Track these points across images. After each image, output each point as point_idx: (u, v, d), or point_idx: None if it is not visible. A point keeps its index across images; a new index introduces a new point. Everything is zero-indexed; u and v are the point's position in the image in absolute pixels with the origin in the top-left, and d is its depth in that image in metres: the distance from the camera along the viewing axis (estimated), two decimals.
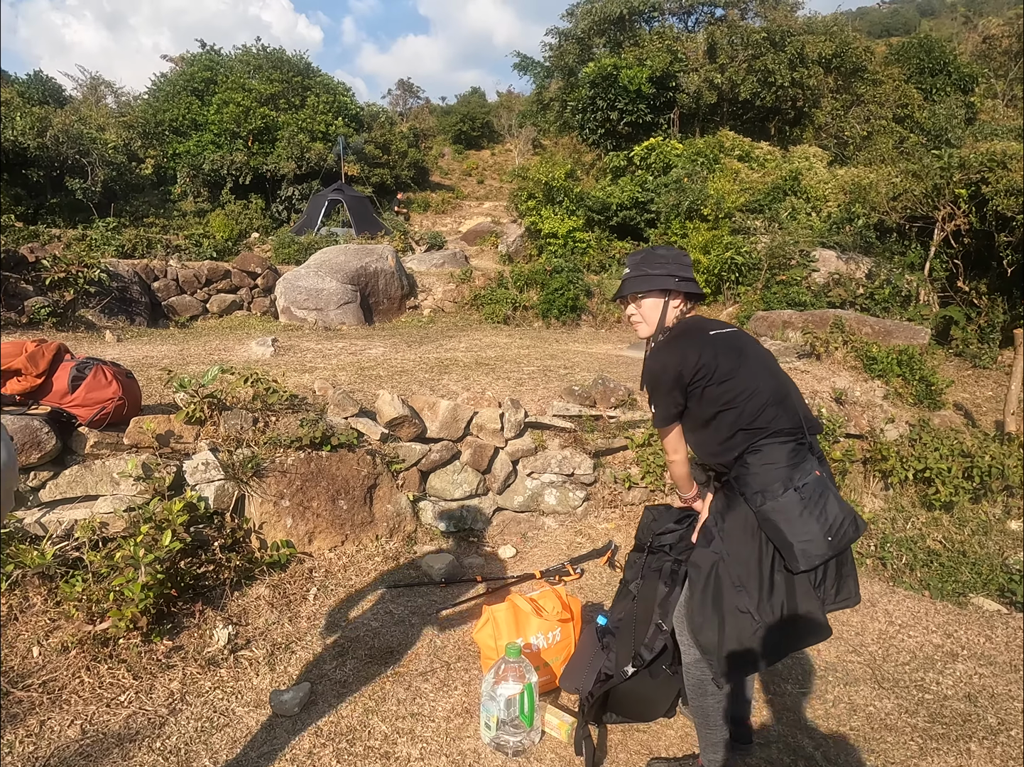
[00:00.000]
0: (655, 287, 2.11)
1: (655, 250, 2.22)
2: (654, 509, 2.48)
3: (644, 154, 15.90)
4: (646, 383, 2.09)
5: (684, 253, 2.24)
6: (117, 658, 2.66)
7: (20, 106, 19.61)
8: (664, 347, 2.07)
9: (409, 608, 3.20)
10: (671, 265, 2.12)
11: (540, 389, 4.89)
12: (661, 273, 2.11)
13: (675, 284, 2.10)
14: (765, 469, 1.93)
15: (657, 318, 2.13)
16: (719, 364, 1.99)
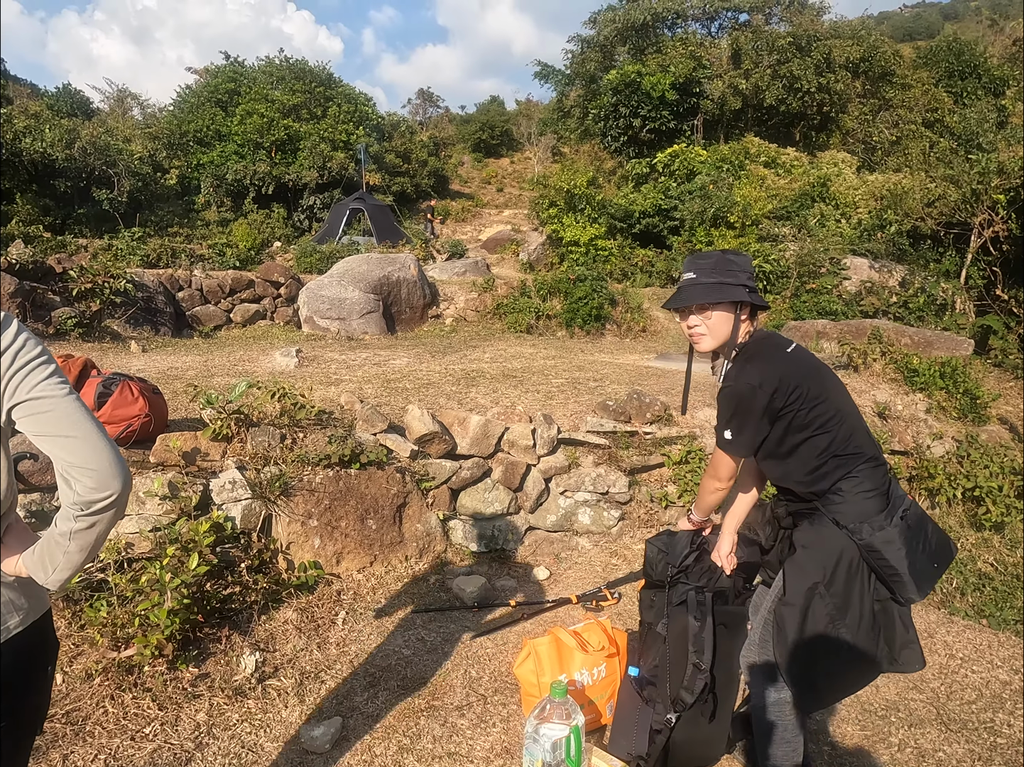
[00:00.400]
0: (728, 298, 1.93)
1: (726, 255, 2.02)
2: (657, 540, 2.28)
3: (667, 161, 15.76)
4: (730, 405, 1.90)
5: (750, 258, 2.10)
6: (142, 686, 2.56)
7: (49, 118, 19.93)
8: (752, 366, 1.89)
9: (441, 634, 3.07)
10: (743, 274, 1.96)
11: (571, 403, 4.75)
12: (735, 283, 1.93)
13: (747, 295, 1.93)
14: (861, 497, 1.83)
15: (727, 332, 1.96)
16: (810, 386, 1.87)
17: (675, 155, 15.72)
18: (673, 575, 2.17)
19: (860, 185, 13.80)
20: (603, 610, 3.34)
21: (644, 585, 2.33)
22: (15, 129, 17.93)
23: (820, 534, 1.87)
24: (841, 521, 1.83)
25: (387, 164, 24.29)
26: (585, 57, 19.85)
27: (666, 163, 15.85)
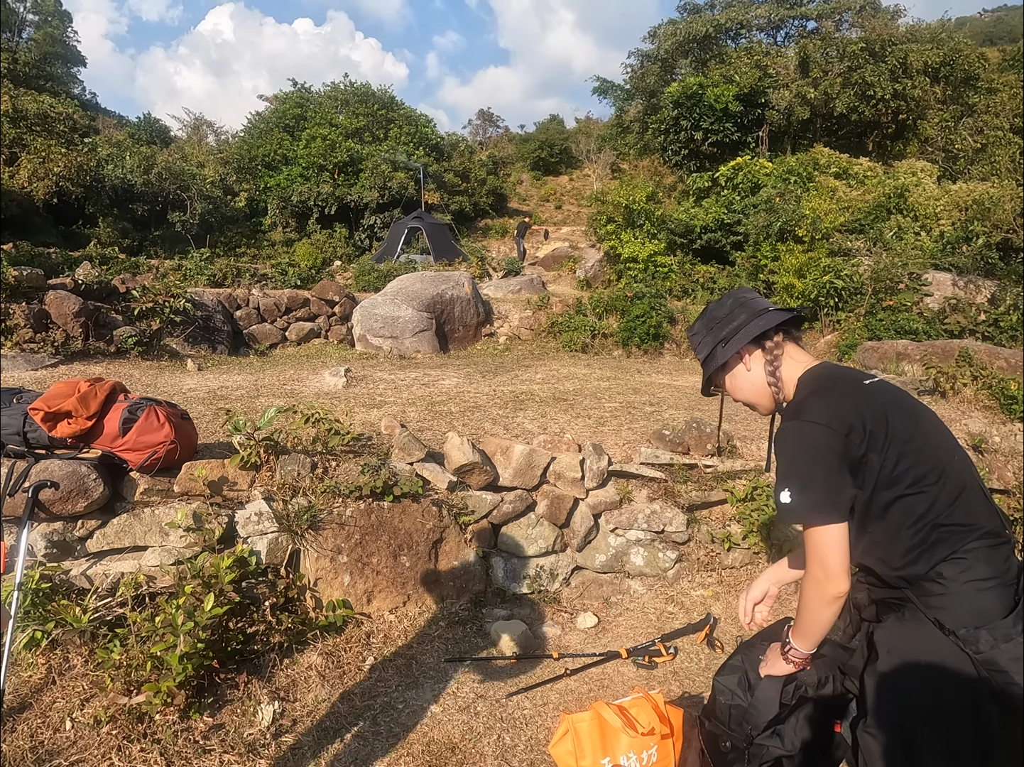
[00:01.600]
0: (729, 353, 1.63)
1: (706, 312, 1.73)
2: (728, 677, 1.73)
3: (730, 174, 15.23)
4: (788, 463, 1.46)
5: (742, 289, 1.75)
6: (152, 737, 2.38)
7: (129, 146, 21.02)
8: (815, 399, 1.48)
9: (475, 690, 2.79)
10: (708, 335, 1.67)
11: (624, 430, 4.42)
12: (706, 352, 1.67)
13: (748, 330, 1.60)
14: (972, 588, 1.36)
15: (757, 382, 1.64)
16: (893, 425, 1.43)
17: (739, 168, 15.17)
18: (751, 741, 1.65)
19: (942, 195, 12.92)
20: (656, 667, 2.99)
21: (710, 732, 1.77)
22: (99, 157, 18.95)
23: (914, 638, 1.41)
24: (946, 623, 1.36)
25: (446, 183, 24.53)
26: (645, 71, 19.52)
27: (729, 176, 15.31)
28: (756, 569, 3.77)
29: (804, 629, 1.54)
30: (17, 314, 6.34)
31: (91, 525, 2.87)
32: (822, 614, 1.46)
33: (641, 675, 2.93)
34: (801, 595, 1.51)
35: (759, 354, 1.63)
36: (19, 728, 2.39)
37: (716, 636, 3.22)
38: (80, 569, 2.84)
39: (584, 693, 2.78)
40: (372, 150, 23.35)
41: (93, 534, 2.88)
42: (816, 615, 1.48)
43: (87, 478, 2.79)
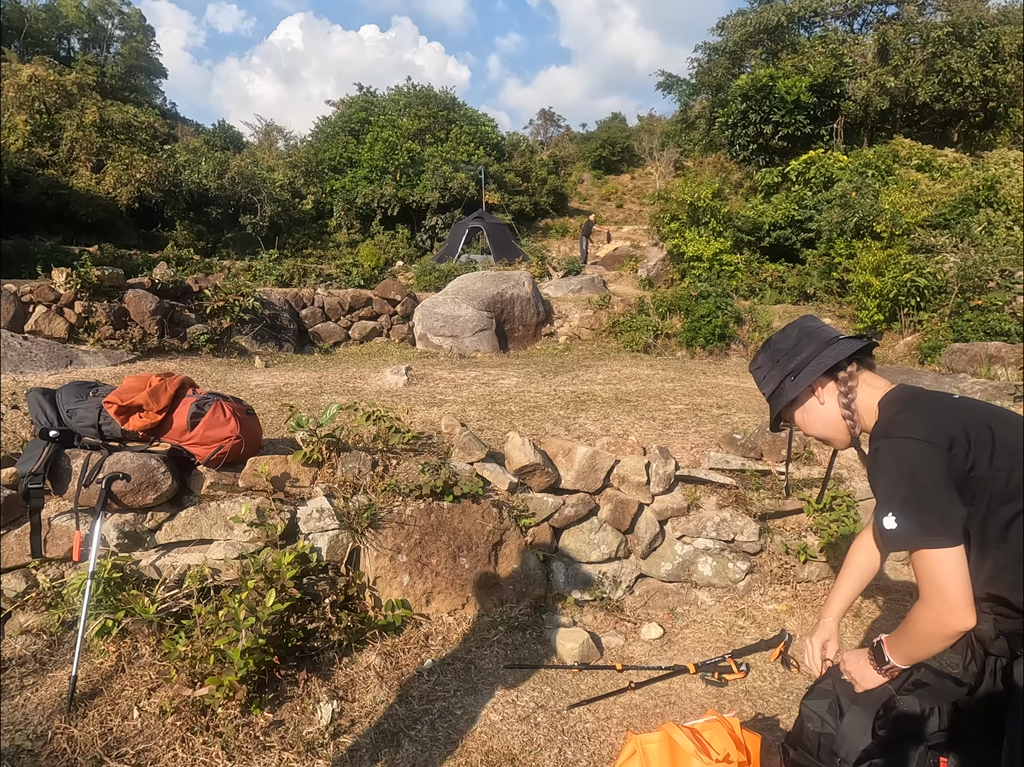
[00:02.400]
0: (800, 387, 1.52)
1: (770, 345, 1.63)
2: (818, 702, 1.57)
3: (802, 168, 14.64)
4: (888, 485, 1.33)
5: (807, 317, 1.64)
6: (214, 730, 2.39)
7: (205, 152, 21.93)
8: (906, 415, 1.36)
9: (535, 699, 2.70)
10: (774, 368, 1.56)
11: (691, 433, 4.25)
12: (773, 388, 1.57)
13: (820, 361, 1.50)
14: None
15: (831, 416, 1.54)
16: (999, 434, 1.31)
17: (811, 162, 14.55)
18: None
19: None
20: (727, 684, 2.83)
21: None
22: (177, 163, 19.84)
23: None
24: None
25: (507, 183, 24.57)
26: (712, 64, 18.99)
27: (800, 171, 14.71)
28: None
29: (910, 653, 1.42)
30: (99, 312, 6.64)
31: (160, 517, 2.93)
32: (935, 647, 1.35)
33: (710, 692, 2.78)
34: (913, 625, 1.37)
35: (832, 386, 1.53)
36: (90, 714, 2.44)
37: (791, 654, 3.02)
38: (149, 560, 2.90)
39: (649, 708, 2.65)
40: (433, 151, 23.62)
41: (162, 526, 2.93)
42: (929, 648, 1.36)
43: (157, 471, 2.84)
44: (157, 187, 18.10)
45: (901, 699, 1.51)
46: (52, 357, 6.03)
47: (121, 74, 33.25)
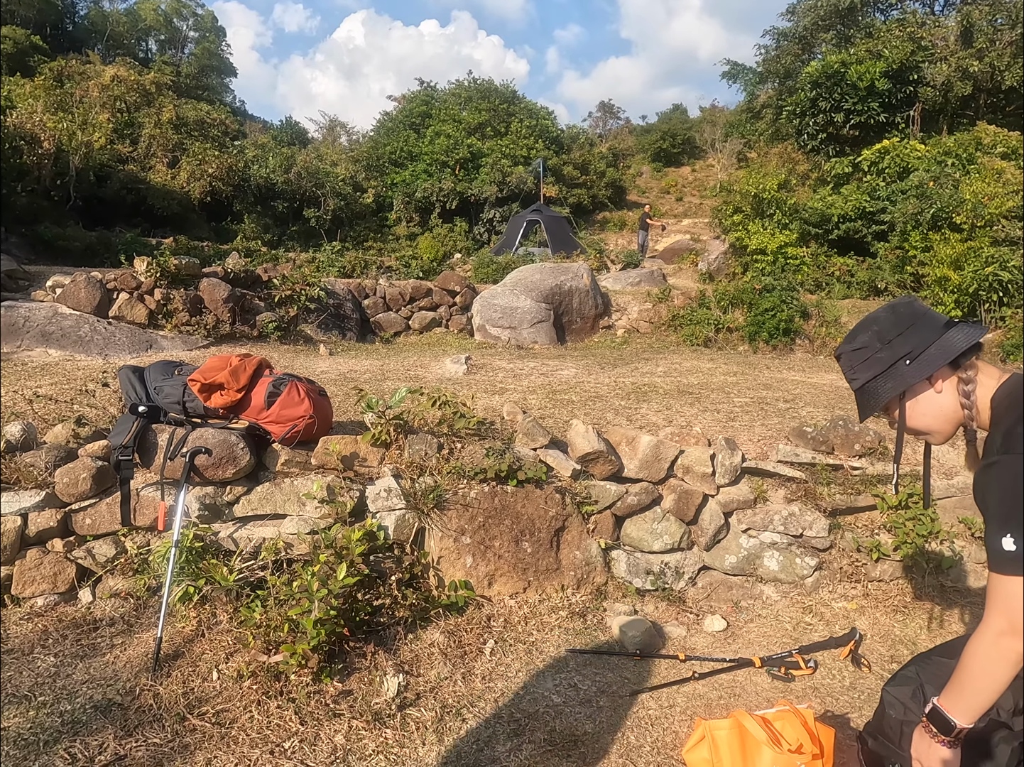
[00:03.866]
0: (883, 398, 1.43)
1: (852, 342, 1.50)
2: (901, 688, 1.49)
3: (875, 158, 14.03)
4: (1011, 504, 1.21)
5: (911, 299, 1.51)
6: (287, 695, 2.49)
7: (273, 148, 22.60)
8: (1019, 433, 1.24)
9: (597, 683, 2.70)
10: (884, 349, 1.43)
11: (757, 426, 4.15)
12: (879, 371, 1.43)
13: (948, 345, 1.38)
14: None
15: (948, 407, 1.42)
16: None
17: (885, 151, 13.93)
18: None
19: None
20: (793, 680, 2.77)
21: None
22: (246, 159, 20.53)
23: None
24: None
25: (565, 177, 24.45)
26: (780, 51, 18.37)
27: (873, 160, 14.10)
28: (908, 585, 3.41)
29: (973, 701, 1.26)
30: (176, 299, 6.95)
31: (238, 491, 3.06)
32: (1000, 678, 1.22)
33: (776, 687, 2.72)
34: (971, 657, 1.26)
35: (950, 374, 1.42)
36: (173, 674, 2.58)
37: (862, 653, 2.93)
38: (227, 532, 3.03)
39: (714, 699, 2.62)
40: (492, 145, 23.70)
41: (239, 500, 3.06)
42: (993, 681, 1.23)
43: (236, 447, 2.97)
44: (227, 182, 18.77)
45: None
46: (134, 341, 6.35)
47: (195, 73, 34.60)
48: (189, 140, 19.54)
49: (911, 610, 3.25)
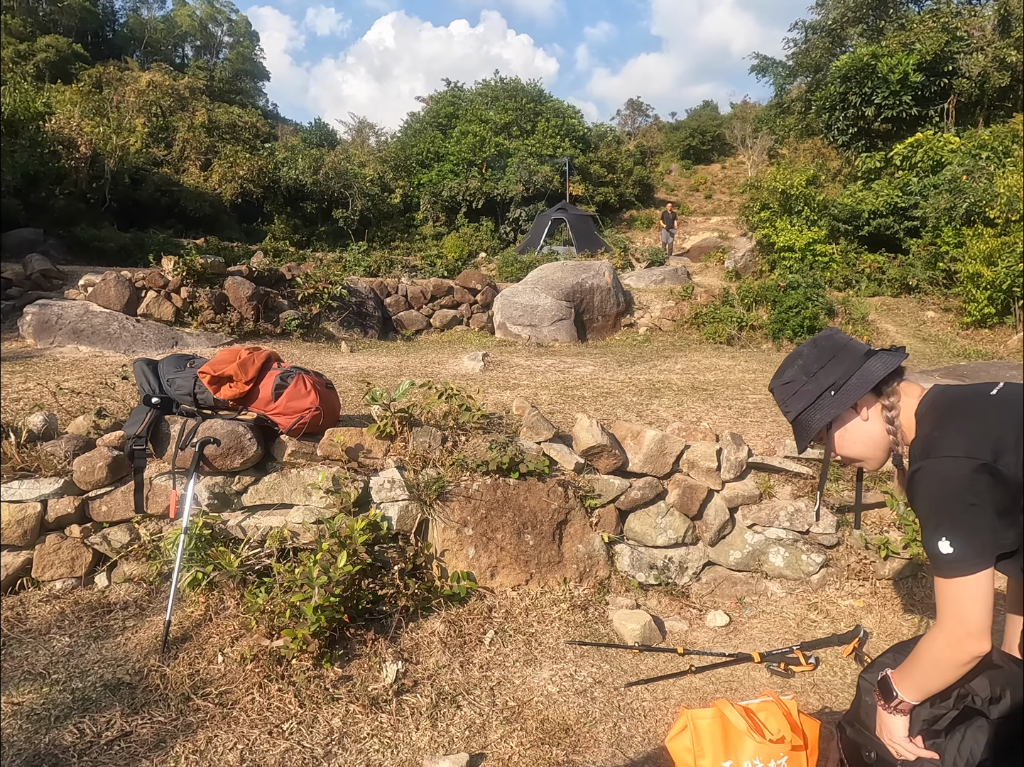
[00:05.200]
0: (812, 430, 1.47)
1: (799, 356, 1.54)
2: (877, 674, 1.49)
3: (907, 152, 13.73)
4: (936, 509, 1.27)
5: (832, 330, 1.55)
6: (288, 679, 2.55)
7: (302, 149, 22.96)
8: (938, 440, 1.29)
9: (593, 675, 2.71)
10: (810, 382, 1.47)
11: (768, 422, 4.11)
12: (807, 403, 1.47)
13: (867, 374, 1.42)
14: None
15: (876, 434, 1.46)
16: None
17: (918, 145, 13.61)
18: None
19: None
20: (793, 675, 2.74)
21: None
22: (276, 161, 20.91)
23: None
24: None
25: (591, 175, 24.37)
26: (810, 45, 18.04)
27: (906, 155, 13.78)
28: (918, 583, 3.34)
29: (921, 684, 1.36)
30: (202, 297, 7.13)
31: (246, 481, 3.14)
32: (951, 675, 1.30)
33: (775, 682, 2.70)
34: (927, 653, 1.33)
35: (874, 401, 1.46)
36: (180, 656, 2.67)
37: (866, 651, 2.89)
38: (235, 520, 3.11)
39: (710, 693, 2.61)
40: (519, 144, 23.73)
41: (247, 489, 3.15)
42: (944, 677, 1.31)
43: (244, 437, 3.05)
44: (258, 183, 19.15)
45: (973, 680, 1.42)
46: (160, 338, 6.54)
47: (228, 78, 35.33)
48: (221, 143, 19.98)
49: (920, 609, 3.19)
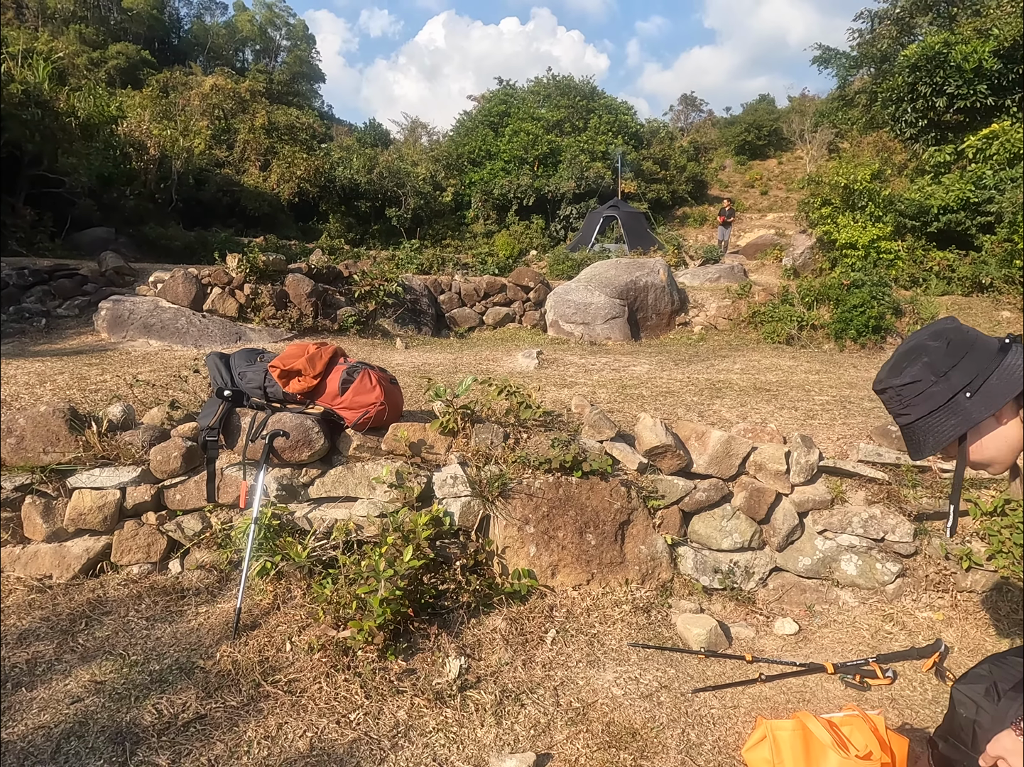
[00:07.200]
0: (944, 440, 1.32)
1: (900, 376, 1.38)
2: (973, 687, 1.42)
3: (982, 145, 13.06)
4: None
5: (949, 321, 1.39)
6: (354, 670, 2.59)
7: (357, 149, 23.36)
8: None
9: (658, 679, 2.66)
10: (940, 382, 1.31)
11: (838, 425, 3.97)
12: (936, 405, 1.32)
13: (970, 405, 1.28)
14: None
15: (1013, 440, 1.31)
16: None
17: (993, 136, 12.92)
18: None
19: None
20: (869, 689, 2.63)
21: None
22: (332, 161, 21.33)
23: None
24: None
25: (644, 171, 24.06)
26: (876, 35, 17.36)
27: (980, 147, 13.10)
28: (1004, 598, 3.17)
29: None
30: (264, 294, 7.31)
31: (313, 474, 3.20)
32: None
33: (850, 695, 2.60)
34: None
35: (1011, 405, 1.31)
36: (251, 643, 2.73)
37: (947, 667, 2.75)
38: (302, 512, 3.17)
39: (781, 703, 2.53)
40: (571, 141, 23.61)
41: (314, 482, 3.20)
42: None
43: (311, 430, 3.10)
44: (314, 183, 19.58)
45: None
46: (224, 333, 6.73)
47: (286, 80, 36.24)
48: (279, 144, 20.51)
49: (1006, 624, 3.02)
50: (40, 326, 6.72)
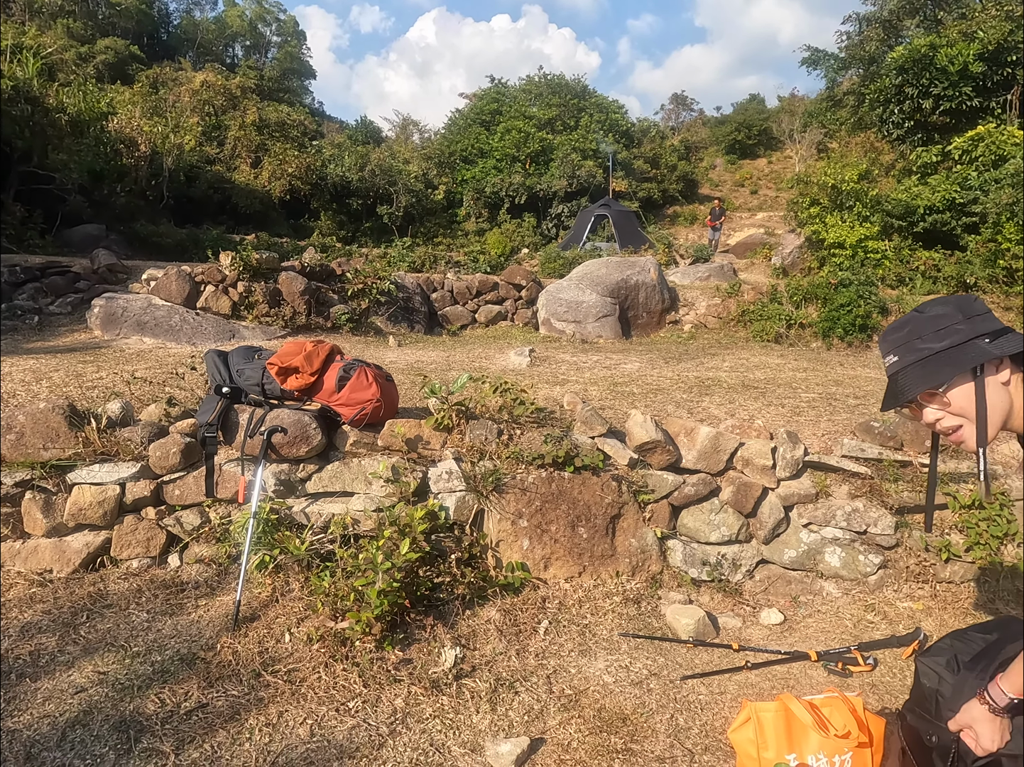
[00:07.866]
0: (960, 367, 1.34)
1: (923, 312, 1.42)
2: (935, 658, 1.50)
3: (967, 146, 13.24)
4: None
5: (969, 297, 1.43)
6: (352, 660, 2.65)
7: (348, 147, 23.32)
8: None
9: (648, 667, 2.75)
10: (964, 322, 1.35)
11: (823, 421, 4.07)
12: (957, 341, 1.35)
13: (990, 346, 1.32)
14: None
15: (990, 412, 1.34)
16: None
17: (979, 138, 13.11)
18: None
19: None
20: (851, 675, 2.73)
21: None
22: (323, 158, 21.29)
23: None
24: None
25: (635, 170, 24.18)
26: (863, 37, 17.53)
27: (966, 148, 13.29)
28: (981, 588, 3.28)
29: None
30: (257, 291, 7.35)
31: (310, 469, 3.26)
32: None
33: (832, 681, 2.69)
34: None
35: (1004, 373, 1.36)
36: (250, 634, 2.79)
37: None
38: (300, 507, 3.23)
39: (766, 689, 2.62)
40: (563, 139, 23.68)
41: (311, 477, 3.26)
42: None
43: (309, 427, 3.16)
44: (306, 180, 19.56)
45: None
46: (218, 331, 6.76)
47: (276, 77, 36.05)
48: (271, 141, 20.46)
49: (983, 614, 3.13)
50: (33, 323, 6.73)
